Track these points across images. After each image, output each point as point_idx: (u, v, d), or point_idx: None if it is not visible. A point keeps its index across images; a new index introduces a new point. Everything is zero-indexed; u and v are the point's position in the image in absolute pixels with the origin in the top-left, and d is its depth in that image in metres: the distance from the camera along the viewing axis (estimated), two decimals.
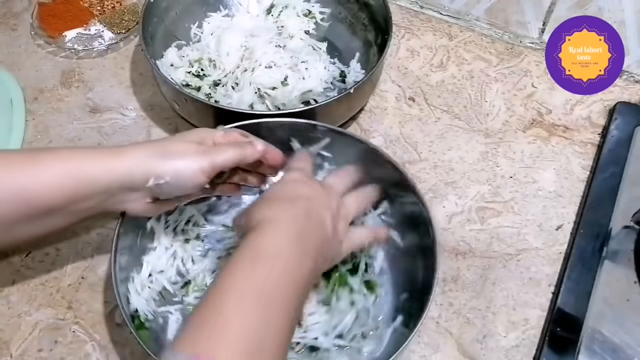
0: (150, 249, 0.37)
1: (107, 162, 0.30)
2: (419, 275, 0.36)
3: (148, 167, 0.30)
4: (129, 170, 0.30)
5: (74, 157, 0.30)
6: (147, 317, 0.34)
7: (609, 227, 0.41)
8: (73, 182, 0.29)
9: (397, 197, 0.38)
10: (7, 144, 0.46)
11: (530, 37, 0.53)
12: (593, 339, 0.35)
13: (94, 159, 0.30)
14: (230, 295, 0.25)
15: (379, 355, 0.35)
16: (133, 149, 0.31)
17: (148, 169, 0.30)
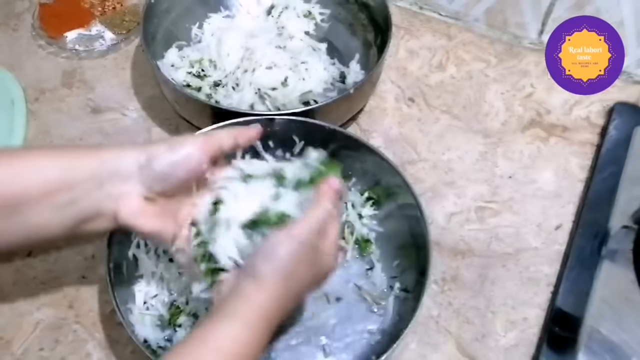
0: (138, 278, 0.37)
1: (95, 150, 0.29)
2: (408, 239, 0.37)
3: (139, 149, 0.29)
4: (118, 155, 0.29)
5: (59, 148, 0.29)
6: (159, 345, 0.34)
7: (607, 226, 0.41)
8: (60, 168, 0.27)
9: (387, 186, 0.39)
10: (8, 144, 0.46)
11: (529, 38, 0.53)
12: (592, 338, 0.36)
13: (81, 149, 0.30)
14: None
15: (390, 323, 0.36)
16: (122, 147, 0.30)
17: (139, 150, 0.29)
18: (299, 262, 0.28)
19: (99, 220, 0.30)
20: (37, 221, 0.28)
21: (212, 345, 0.25)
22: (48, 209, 0.28)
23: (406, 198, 0.38)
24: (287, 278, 0.27)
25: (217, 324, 0.26)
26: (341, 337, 0.37)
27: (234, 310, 0.27)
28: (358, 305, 0.38)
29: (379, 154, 0.39)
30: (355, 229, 0.40)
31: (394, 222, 0.40)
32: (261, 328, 0.27)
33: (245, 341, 0.26)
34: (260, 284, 0.27)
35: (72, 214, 0.28)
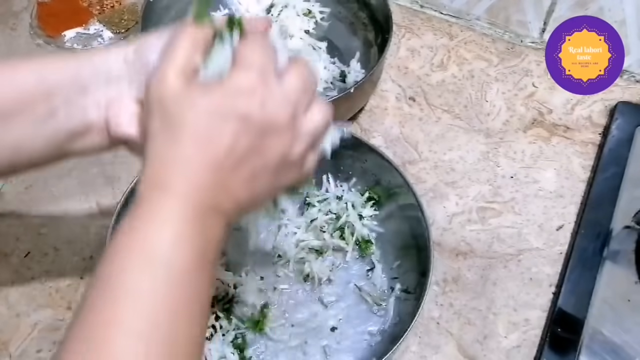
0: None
1: (76, 54, 0.24)
2: (409, 240, 0.37)
3: (124, 45, 0.24)
4: (101, 55, 0.24)
5: (40, 56, 0.24)
6: None
7: (609, 227, 0.40)
8: (37, 75, 0.23)
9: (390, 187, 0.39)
10: None
11: (531, 37, 0.53)
12: (594, 339, 0.35)
13: (61, 55, 0.24)
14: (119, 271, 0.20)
15: (390, 324, 0.36)
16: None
17: (124, 47, 0.24)
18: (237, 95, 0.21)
19: (89, 136, 0.24)
20: (17, 138, 0.23)
21: (136, 255, 0.19)
22: (26, 123, 0.23)
23: (407, 198, 0.37)
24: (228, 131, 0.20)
25: (138, 217, 0.20)
26: (341, 339, 0.36)
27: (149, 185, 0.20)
28: (358, 306, 0.38)
29: (380, 153, 0.39)
30: (356, 230, 0.39)
31: (395, 222, 0.40)
32: (203, 205, 0.20)
33: (177, 233, 0.20)
34: (183, 136, 0.20)
35: (55, 128, 0.24)
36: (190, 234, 0.20)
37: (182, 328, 0.20)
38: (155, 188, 0.21)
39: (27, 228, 0.42)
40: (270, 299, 0.37)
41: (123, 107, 0.24)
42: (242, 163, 0.21)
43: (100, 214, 0.43)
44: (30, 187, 0.44)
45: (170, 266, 0.20)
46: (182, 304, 0.20)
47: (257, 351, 0.36)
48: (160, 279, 0.20)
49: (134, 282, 0.20)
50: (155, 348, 0.19)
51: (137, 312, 0.19)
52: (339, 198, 0.41)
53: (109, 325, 0.19)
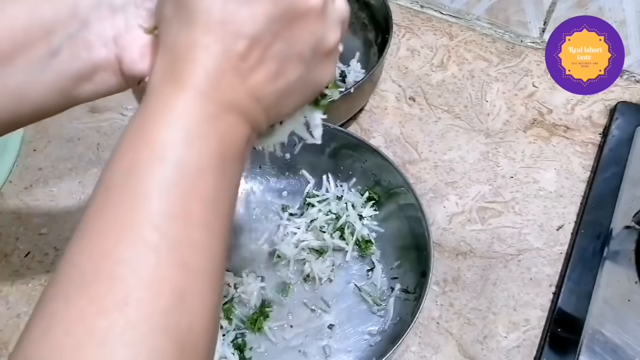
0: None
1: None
2: (409, 240, 0.37)
3: None
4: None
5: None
6: None
7: (610, 227, 0.40)
8: (28, 9, 0.20)
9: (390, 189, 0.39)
10: (5, 144, 0.46)
11: (531, 37, 0.53)
12: (594, 339, 0.35)
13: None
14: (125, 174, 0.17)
15: (390, 324, 0.36)
16: None
17: None
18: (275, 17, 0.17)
19: (98, 76, 0.22)
20: (18, 84, 0.21)
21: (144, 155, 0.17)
22: (25, 66, 0.20)
23: (407, 198, 0.37)
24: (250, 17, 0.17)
25: (146, 113, 0.17)
26: (341, 338, 0.36)
27: (161, 78, 0.18)
28: (358, 306, 0.38)
29: (380, 153, 0.39)
30: (356, 230, 0.39)
31: (395, 222, 0.40)
32: (221, 101, 0.17)
33: (194, 130, 0.17)
34: (198, 19, 0.17)
35: (59, 69, 0.21)
36: (205, 132, 0.17)
37: (197, 235, 0.17)
38: (167, 81, 0.18)
39: (27, 228, 0.42)
40: (270, 299, 0.37)
41: (134, 39, 0.21)
42: (266, 54, 0.18)
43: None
44: (30, 187, 0.44)
45: (183, 165, 0.17)
46: (196, 209, 0.17)
47: (257, 351, 0.36)
48: (171, 179, 0.17)
49: (142, 183, 0.17)
50: (167, 258, 0.16)
51: (145, 217, 0.16)
52: (339, 198, 0.41)
53: (113, 229, 0.16)
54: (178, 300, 0.16)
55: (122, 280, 0.16)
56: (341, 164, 0.41)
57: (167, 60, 0.18)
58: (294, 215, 0.41)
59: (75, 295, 0.16)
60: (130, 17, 0.21)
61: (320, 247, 0.39)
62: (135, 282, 0.16)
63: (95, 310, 0.15)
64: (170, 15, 0.18)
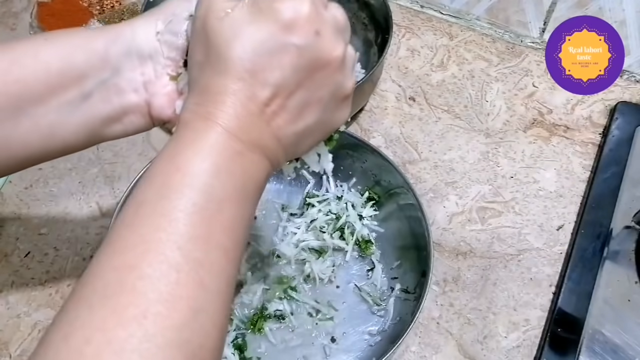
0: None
1: (101, 30, 0.23)
2: (409, 240, 0.37)
3: (149, 14, 0.23)
4: (129, 29, 0.22)
5: (60, 32, 0.23)
6: None
7: (609, 227, 0.40)
8: (62, 55, 0.22)
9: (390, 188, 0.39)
10: None
11: (531, 37, 0.53)
12: (594, 339, 0.35)
13: (84, 31, 0.23)
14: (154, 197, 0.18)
15: (390, 324, 0.36)
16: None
17: (150, 15, 0.23)
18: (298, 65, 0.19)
19: (127, 119, 0.24)
20: (49, 123, 0.22)
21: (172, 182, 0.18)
22: (58, 107, 0.22)
23: (407, 198, 0.37)
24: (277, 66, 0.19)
25: (174, 146, 0.19)
26: (341, 338, 0.36)
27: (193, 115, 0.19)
28: (358, 306, 0.38)
29: (380, 153, 0.39)
30: (356, 230, 0.39)
31: (395, 222, 0.40)
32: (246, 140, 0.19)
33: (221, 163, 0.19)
34: (229, 70, 0.19)
35: (91, 112, 0.23)
36: (232, 166, 0.19)
37: (215, 258, 0.18)
38: (199, 118, 0.20)
39: (27, 228, 0.42)
40: (271, 299, 0.37)
41: (163, 85, 0.23)
42: (289, 100, 0.20)
43: (100, 214, 0.43)
44: (30, 187, 0.44)
45: (209, 193, 0.19)
46: (216, 234, 0.19)
47: (258, 351, 0.36)
48: (198, 205, 0.18)
49: (171, 205, 0.18)
50: (186, 276, 0.17)
51: (171, 236, 0.18)
52: (339, 198, 0.41)
53: (139, 245, 0.18)
54: (193, 318, 0.17)
55: (144, 294, 0.17)
56: (341, 164, 0.41)
57: (199, 99, 0.20)
58: (294, 215, 0.41)
59: (97, 305, 0.17)
60: (158, 65, 0.23)
61: (320, 247, 0.39)
62: (155, 297, 0.17)
63: (115, 321, 0.16)
64: (202, 60, 0.20)
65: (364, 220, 0.40)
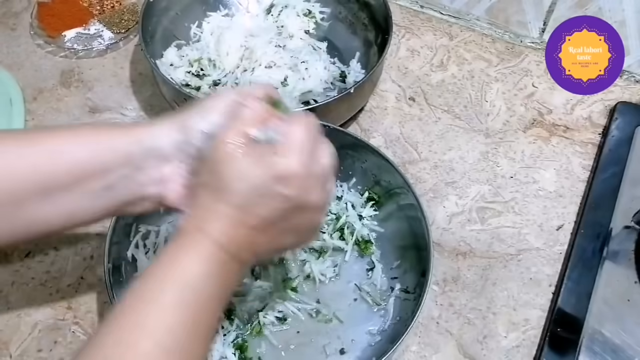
0: (136, 278, 0.36)
1: (125, 129, 0.27)
2: (409, 240, 0.37)
3: (172, 123, 0.26)
4: (152, 133, 0.26)
5: (84, 127, 0.28)
6: None
7: (609, 227, 0.40)
8: (88, 150, 0.25)
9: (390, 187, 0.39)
10: None
11: (530, 37, 0.53)
12: (593, 339, 0.35)
13: (108, 128, 0.27)
14: (153, 286, 0.23)
15: (390, 324, 0.36)
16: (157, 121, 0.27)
17: (172, 125, 0.26)
18: (283, 187, 0.24)
19: (142, 204, 0.28)
20: (72, 207, 0.26)
21: (169, 277, 0.23)
22: (82, 195, 0.26)
23: (407, 198, 0.38)
24: (266, 206, 0.24)
25: (175, 247, 0.24)
26: (341, 338, 0.36)
27: (194, 226, 0.24)
28: (358, 306, 0.38)
29: (380, 153, 0.39)
30: (356, 230, 0.39)
31: (395, 222, 0.40)
32: (230, 252, 0.24)
33: (208, 268, 0.23)
34: (227, 199, 0.24)
35: (110, 199, 0.26)
36: (218, 272, 0.24)
37: (197, 346, 0.23)
38: (197, 229, 0.24)
39: None
40: (271, 299, 0.37)
41: (177, 185, 0.27)
42: (271, 229, 0.25)
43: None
44: None
45: (199, 292, 0.23)
46: (200, 326, 0.23)
47: (258, 351, 0.36)
48: (187, 300, 0.23)
49: (166, 297, 0.23)
50: (173, 358, 0.22)
51: (163, 322, 0.22)
52: (338, 198, 0.41)
53: (136, 328, 0.22)
54: None
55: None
56: (341, 164, 0.41)
57: (199, 213, 0.25)
58: None
59: None
60: (174, 166, 0.27)
61: (320, 247, 0.40)
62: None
63: None
64: (207, 182, 0.25)
65: (363, 220, 0.40)
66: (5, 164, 0.25)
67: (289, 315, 0.37)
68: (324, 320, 0.37)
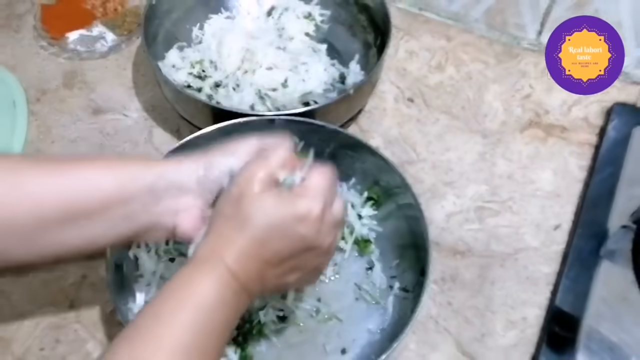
0: (138, 277, 0.37)
1: (151, 163, 0.29)
2: (408, 239, 0.38)
3: (196, 160, 0.29)
4: (176, 168, 0.29)
5: (111, 159, 0.30)
6: None
7: (606, 226, 0.41)
8: (113, 179, 0.27)
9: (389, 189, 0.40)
10: (9, 145, 0.46)
11: (527, 39, 0.54)
12: (591, 337, 0.36)
13: (135, 161, 0.29)
14: (168, 305, 0.25)
15: (389, 323, 0.36)
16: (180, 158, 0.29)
17: (196, 161, 0.29)
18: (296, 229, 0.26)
19: (154, 232, 0.29)
20: (93, 233, 0.28)
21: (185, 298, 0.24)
22: (104, 222, 0.28)
23: (406, 198, 0.38)
24: (282, 242, 0.26)
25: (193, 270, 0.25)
26: (341, 337, 0.37)
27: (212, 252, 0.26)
28: (358, 305, 0.38)
29: (379, 154, 0.39)
30: (355, 229, 0.40)
31: (394, 222, 0.40)
32: (241, 281, 0.25)
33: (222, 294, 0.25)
34: (247, 231, 0.25)
35: (128, 227, 0.28)
36: (229, 299, 0.26)
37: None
38: (214, 255, 0.26)
39: None
40: (271, 298, 0.38)
41: (191, 216, 0.29)
42: (281, 265, 0.27)
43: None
44: None
45: (212, 316, 0.25)
46: (211, 347, 0.25)
47: (258, 349, 0.36)
48: (202, 322, 0.24)
49: (182, 316, 0.24)
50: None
51: (177, 340, 0.23)
52: None
53: (152, 345, 0.23)
54: None
55: None
56: (340, 164, 0.42)
57: (217, 242, 0.26)
58: None
59: None
60: (191, 198, 0.29)
61: None
62: None
63: None
64: (229, 215, 0.26)
65: (363, 219, 0.40)
66: (36, 189, 0.26)
67: (289, 314, 0.37)
68: (324, 319, 0.37)
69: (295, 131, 0.40)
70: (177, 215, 0.29)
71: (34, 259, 0.28)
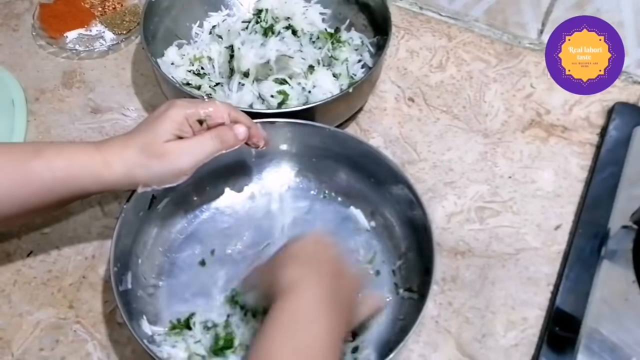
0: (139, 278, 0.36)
1: (99, 175, 0.33)
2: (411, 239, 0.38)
3: (134, 178, 0.34)
4: (116, 181, 0.34)
5: (68, 165, 0.33)
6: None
7: (607, 226, 0.41)
8: (63, 186, 0.33)
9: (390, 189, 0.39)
10: None
11: (528, 38, 0.53)
12: (592, 338, 0.36)
13: (85, 170, 0.33)
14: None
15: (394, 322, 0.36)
16: (120, 158, 0.33)
17: (134, 179, 0.34)
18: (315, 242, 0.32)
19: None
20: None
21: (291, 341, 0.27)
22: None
23: (407, 198, 0.38)
24: (319, 261, 0.31)
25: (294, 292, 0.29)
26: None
27: (294, 307, 0.29)
28: None
29: (379, 154, 0.39)
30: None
31: (396, 222, 0.40)
32: (328, 303, 0.29)
33: (324, 316, 0.28)
34: (300, 281, 0.30)
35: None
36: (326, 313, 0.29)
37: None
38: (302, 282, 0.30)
39: (29, 227, 0.42)
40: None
41: None
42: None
43: (102, 214, 0.43)
44: None
45: (312, 326, 0.28)
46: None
47: None
48: (306, 335, 0.28)
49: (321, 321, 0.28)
50: None
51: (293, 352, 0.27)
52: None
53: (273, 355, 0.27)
54: None
55: None
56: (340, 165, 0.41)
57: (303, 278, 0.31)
58: None
59: None
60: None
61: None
62: None
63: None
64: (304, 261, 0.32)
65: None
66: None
67: None
68: None
69: (296, 132, 0.40)
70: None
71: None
